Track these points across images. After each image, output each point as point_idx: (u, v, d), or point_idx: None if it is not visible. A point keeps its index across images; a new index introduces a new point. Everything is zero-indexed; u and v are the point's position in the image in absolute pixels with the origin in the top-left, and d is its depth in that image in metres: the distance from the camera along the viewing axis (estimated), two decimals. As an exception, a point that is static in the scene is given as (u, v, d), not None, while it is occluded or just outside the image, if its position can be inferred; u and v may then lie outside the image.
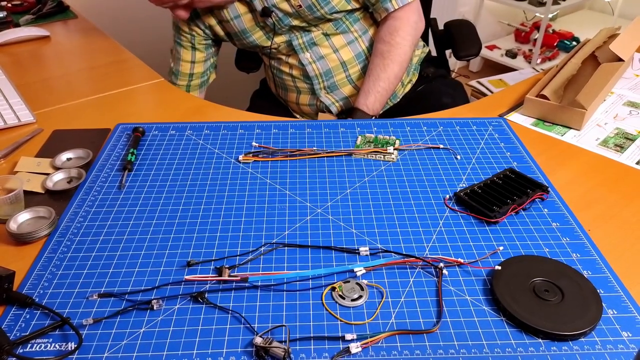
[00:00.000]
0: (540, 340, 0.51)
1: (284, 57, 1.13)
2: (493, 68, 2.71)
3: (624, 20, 2.73)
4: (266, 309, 0.54)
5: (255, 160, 0.78)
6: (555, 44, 2.65)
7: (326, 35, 1.08)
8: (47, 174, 0.75)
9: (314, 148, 0.80)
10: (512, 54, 2.64)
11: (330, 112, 1.12)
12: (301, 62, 1.10)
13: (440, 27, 1.37)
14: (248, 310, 0.54)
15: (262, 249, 0.62)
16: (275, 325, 0.52)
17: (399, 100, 1.17)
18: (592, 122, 0.87)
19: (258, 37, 1.09)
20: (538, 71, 1.08)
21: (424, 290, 0.56)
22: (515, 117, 0.89)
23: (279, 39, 1.09)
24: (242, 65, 1.42)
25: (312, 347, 0.50)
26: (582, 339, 0.51)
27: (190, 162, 0.78)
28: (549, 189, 0.70)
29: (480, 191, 0.69)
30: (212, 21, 1.09)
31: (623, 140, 0.82)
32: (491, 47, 2.72)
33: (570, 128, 0.85)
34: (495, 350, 0.50)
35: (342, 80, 1.12)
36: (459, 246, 0.62)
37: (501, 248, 0.62)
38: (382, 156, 0.78)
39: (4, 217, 0.66)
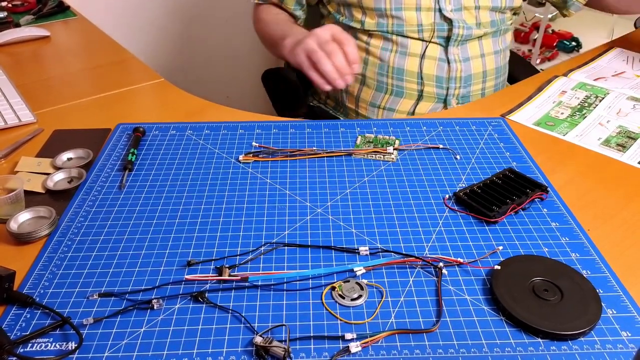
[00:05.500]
0: (539, 339, 0.51)
1: (409, 45, 0.97)
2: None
3: (623, 20, 2.73)
4: (266, 309, 0.54)
5: (255, 160, 0.78)
6: (554, 44, 2.65)
7: (478, 37, 0.99)
8: (48, 174, 0.75)
9: (314, 148, 0.80)
10: (512, 54, 2.64)
11: None
12: (445, 57, 0.97)
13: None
14: (248, 309, 0.54)
15: (262, 248, 0.62)
16: (275, 325, 0.52)
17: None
18: (595, 121, 0.87)
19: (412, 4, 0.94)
20: (538, 71, 1.08)
21: (424, 290, 0.56)
22: (516, 117, 0.89)
23: (436, 22, 0.95)
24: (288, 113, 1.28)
25: (312, 346, 0.50)
26: (582, 339, 0.51)
27: (191, 162, 0.78)
28: (549, 188, 0.70)
29: (479, 191, 0.70)
30: None
31: (625, 140, 0.82)
32: (491, 47, 2.72)
33: (573, 128, 0.85)
34: (495, 349, 0.50)
35: (477, 92, 1.03)
36: (458, 246, 0.62)
37: (500, 248, 0.62)
38: (381, 156, 0.78)
39: (5, 217, 0.66)
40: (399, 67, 0.99)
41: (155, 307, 0.54)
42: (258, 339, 0.50)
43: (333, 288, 0.56)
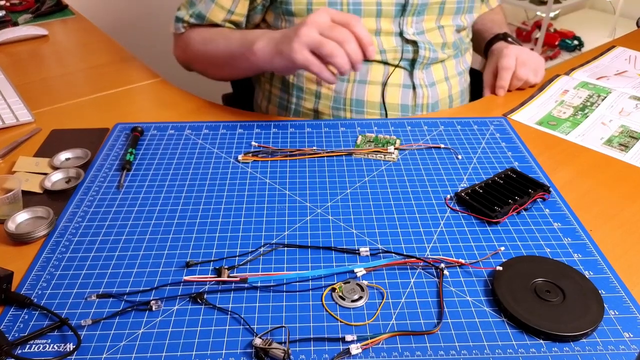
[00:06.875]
0: (541, 341, 0.51)
1: (369, 71, 0.87)
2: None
3: (625, 19, 2.72)
4: (266, 310, 0.54)
5: (254, 160, 0.77)
6: (556, 43, 2.65)
7: (442, 60, 0.92)
8: (46, 174, 0.74)
9: (314, 148, 0.80)
10: (513, 53, 2.63)
11: None
12: (410, 82, 0.88)
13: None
14: (247, 311, 0.54)
15: (262, 249, 0.62)
16: (274, 327, 0.52)
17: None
18: (597, 120, 0.87)
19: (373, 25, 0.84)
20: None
21: (425, 291, 0.56)
22: (518, 116, 0.88)
23: (394, 44, 0.85)
24: None
25: (312, 348, 0.50)
26: (584, 340, 0.51)
27: (190, 161, 0.77)
28: (551, 188, 0.70)
29: (481, 191, 0.69)
30: None
31: (628, 139, 0.82)
32: (492, 46, 2.71)
33: (575, 127, 0.85)
34: (497, 351, 0.50)
35: None
36: (460, 246, 0.62)
37: (502, 248, 0.61)
38: (382, 156, 0.78)
39: (2, 217, 0.66)
40: (358, 99, 0.88)
41: (153, 309, 0.54)
42: (257, 341, 0.49)
43: (333, 289, 0.56)
